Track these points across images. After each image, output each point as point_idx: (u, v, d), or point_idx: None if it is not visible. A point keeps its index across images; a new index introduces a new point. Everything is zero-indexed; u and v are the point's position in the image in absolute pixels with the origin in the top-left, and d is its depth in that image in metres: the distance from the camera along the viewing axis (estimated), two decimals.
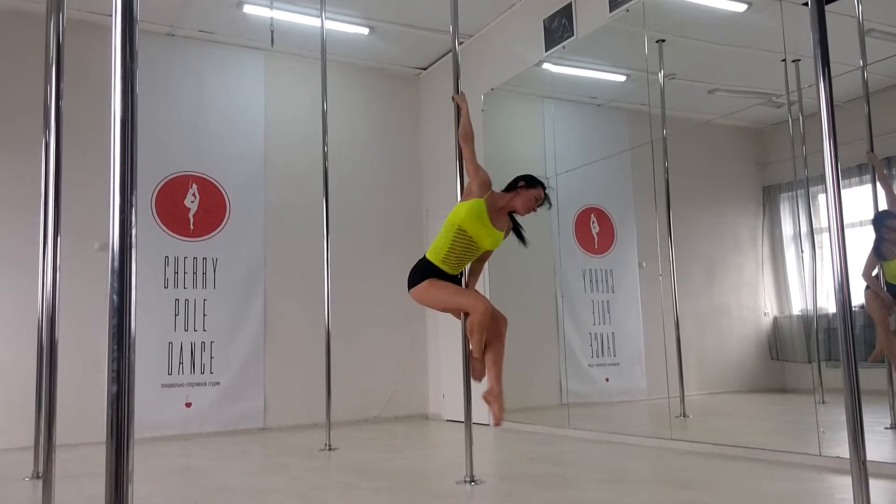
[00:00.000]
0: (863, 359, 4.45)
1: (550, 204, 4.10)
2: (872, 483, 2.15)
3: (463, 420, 3.96)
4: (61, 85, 3.28)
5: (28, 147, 5.92)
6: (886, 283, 4.41)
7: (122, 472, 1.42)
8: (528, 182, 4.03)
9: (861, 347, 4.45)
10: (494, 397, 3.82)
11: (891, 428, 4.35)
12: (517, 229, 4.14)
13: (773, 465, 3.99)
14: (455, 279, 3.99)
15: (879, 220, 4.46)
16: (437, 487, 3.74)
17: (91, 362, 6.08)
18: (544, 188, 4.05)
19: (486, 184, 3.98)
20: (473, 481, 3.77)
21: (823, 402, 4.38)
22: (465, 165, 4.10)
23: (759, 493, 3.29)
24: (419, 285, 3.93)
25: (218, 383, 6.73)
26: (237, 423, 6.76)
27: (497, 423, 3.80)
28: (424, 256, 4.01)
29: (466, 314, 3.88)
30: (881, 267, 4.40)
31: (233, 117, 7.16)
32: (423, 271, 3.96)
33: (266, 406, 6.94)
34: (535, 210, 4.03)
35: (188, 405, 6.58)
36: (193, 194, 6.85)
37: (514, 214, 4.07)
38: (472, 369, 3.98)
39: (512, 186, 4.06)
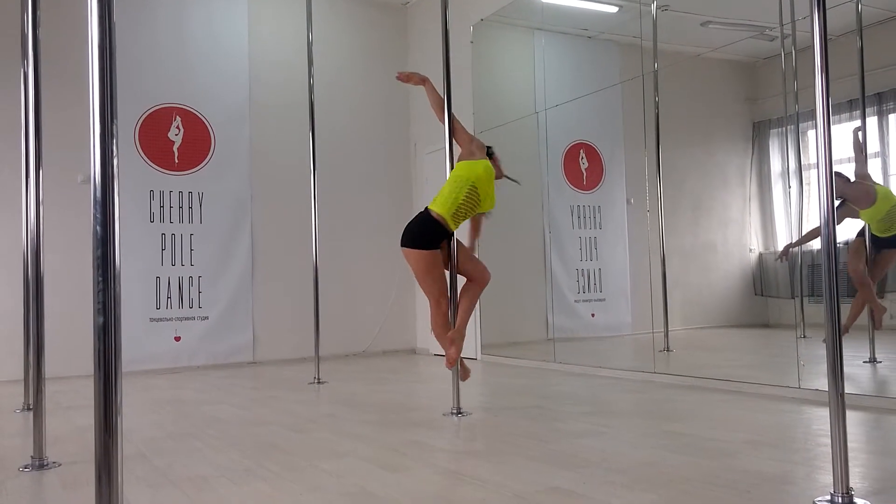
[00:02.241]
0: (844, 295, 4.50)
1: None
2: (849, 415, 2.20)
3: None
4: (38, 13, 3.19)
5: (6, 78, 5.80)
6: (871, 236, 4.43)
7: (111, 402, 1.43)
8: (492, 152, 4.20)
9: (843, 283, 4.50)
10: (453, 341, 3.90)
11: (869, 362, 4.43)
12: None
13: (753, 398, 4.07)
14: (449, 238, 3.96)
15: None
16: (424, 419, 3.80)
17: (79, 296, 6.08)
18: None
19: (482, 147, 4.10)
20: (460, 413, 3.83)
21: (804, 336, 4.45)
22: (458, 132, 4.10)
23: (739, 424, 3.37)
24: (426, 251, 3.82)
25: (206, 318, 6.76)
26: (226, 357, 6.82)
27: (450, 365, 3.88)
28: (432, 211, 3.87)
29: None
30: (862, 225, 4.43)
31: (216, 48, 7.01)
32: (433, 234, 3.84)
33: (255, 340, 6.99)
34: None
35: (177, 339, 6.62)
36: (177, 127, 6.75)
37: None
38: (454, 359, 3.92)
39: (490, 155, 4.15)
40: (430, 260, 3.84)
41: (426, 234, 3.84)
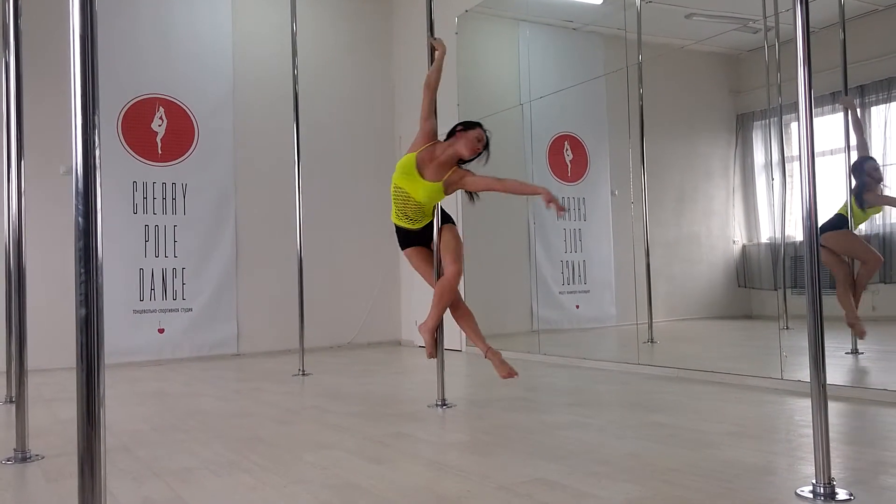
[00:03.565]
0: (827, 286, 4.54)
1: (489, 151, 3.88)
2: (831, 405, 2.22)
3: None
4: (19, 2, 3.15)
5: None
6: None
7: (94, 394, 1.42)
8: (466, 126, 3.86)
9: (826, 275, 4.54)
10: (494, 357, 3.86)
11: (851, 353, 4.47)
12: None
13: (736, 389, 4.10)
14: (424, 232, 3.96)
15: (860, 167, 4.46)
16: (409, 411, 3.81)
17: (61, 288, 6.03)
18: (483, 129, 3.86)
19: (428, 135, 3.87)
20: (445, 405, 3.84)
21: (787, 328, 4.49)
22: (422, 113, 3.93)
23: (722, 415, 3.39)
24: (403, 252, 4.14)
25: (190, 310, 6.73)
26: (210, 349, 6.79)
27: (510, 375, 3.80)
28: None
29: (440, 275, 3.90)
30: (850, 217, 4.44)
31: (199, 37, 6.96)
32: (397, 236, 4.10)
33: (239, 332, 6.96)
34: (479, 152, 3.82)
35: (161, 331, 6.58)
36: (161, 118, 6.70)
37: (464, 163, 3.86)
38: (426, 345, 3.95)
39: (451, 133, 3.89)
40: (406, 257, 4.15)
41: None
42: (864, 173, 4.43)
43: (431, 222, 3.94)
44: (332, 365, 6.03)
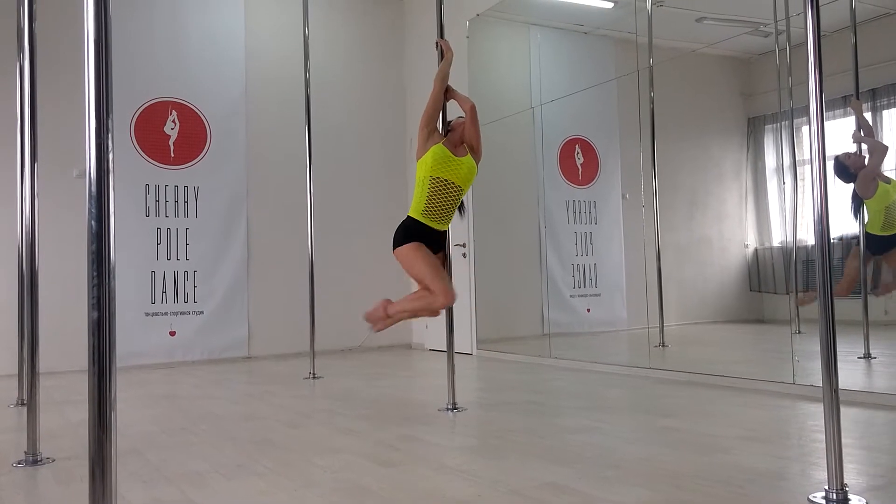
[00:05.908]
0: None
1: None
2: (843, 410, 2.20)
3: (445, 349, 4.02)
4: (34, 6, 3.17)
5: (1, 72, 5.78)
6: (866, 235, 4.41)
7: (105, 397, 1.43)
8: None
9: (838, 279, 4.51)
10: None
11: (863, 357, 4.44)
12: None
13: (748, 393, 4.08)
14: (441, 238, 3.88)
15: (839, 167, 4.43)
16: (419, 414, 3.81)
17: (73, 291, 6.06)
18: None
19: (436, 135, 3.97)
20: (455, 408, 3.84)
21: (799, 332, 4.46)
22: (427, 112, 3.97)
23: (734, 420, 3.38)
24: (404, 245, 3.77)
25: (202, 312, 6.75)
26: (221, 351, 6.81)
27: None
28: (408, 215, 3.85)
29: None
30: (860, 213, 4.40)
31: (212, 41, 6.99)
32: (406, 231, 3.80)
33: (250, 335, 6.98)
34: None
35: (172, 334, 6.61)
36: (173, 121, 6.73)
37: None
38: (375, 320, 4.07)
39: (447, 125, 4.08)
40: (406, 251, 3.80)
41: (399, 232, 3.84)
42: (847, 168, 4.40)
43: (446, 232, 3.89)
44: (342, 368, 6.04)
